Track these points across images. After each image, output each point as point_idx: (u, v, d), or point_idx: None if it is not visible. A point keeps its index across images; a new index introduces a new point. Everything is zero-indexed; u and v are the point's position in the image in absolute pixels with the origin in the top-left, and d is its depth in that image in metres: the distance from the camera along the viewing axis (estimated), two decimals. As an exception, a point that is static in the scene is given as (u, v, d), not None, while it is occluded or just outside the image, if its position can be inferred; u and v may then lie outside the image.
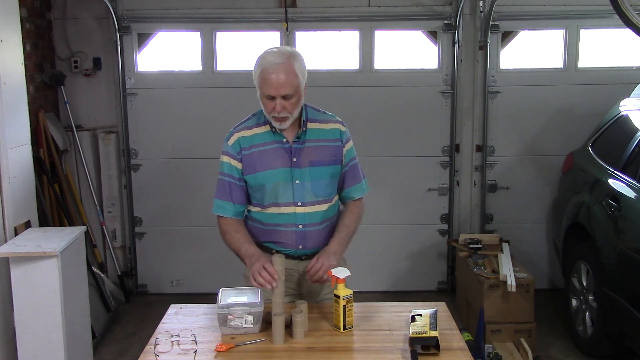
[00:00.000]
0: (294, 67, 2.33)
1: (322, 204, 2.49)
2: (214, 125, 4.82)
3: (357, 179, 2.59)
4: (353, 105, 4.91)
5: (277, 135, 2.45)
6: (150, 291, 5.21)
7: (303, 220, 2.46)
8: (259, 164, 2.44)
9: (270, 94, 2.32)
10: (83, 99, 4.99)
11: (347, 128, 2.56)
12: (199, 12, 4.89)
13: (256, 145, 2.45)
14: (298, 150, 2.44)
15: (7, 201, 3.47)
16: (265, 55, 2.36)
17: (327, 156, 2.48)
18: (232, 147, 2.47)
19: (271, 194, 2.45)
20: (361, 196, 2.61)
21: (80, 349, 3.55)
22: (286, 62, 2.32)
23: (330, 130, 2.51)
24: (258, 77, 2.35)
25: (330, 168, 2.49)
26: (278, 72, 2.30)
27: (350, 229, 2.53)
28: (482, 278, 4.06)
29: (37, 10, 4.68)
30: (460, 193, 5.12)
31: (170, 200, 5.09)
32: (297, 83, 2.34)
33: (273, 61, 2.31)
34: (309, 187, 2.45)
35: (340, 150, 2.51)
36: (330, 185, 2.51)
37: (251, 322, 2.22)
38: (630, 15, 3.46)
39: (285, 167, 2.44)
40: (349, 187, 2.57)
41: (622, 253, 3.55)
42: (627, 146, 3.90)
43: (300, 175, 2.44)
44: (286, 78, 2.30)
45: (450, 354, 2.10)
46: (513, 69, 5.03)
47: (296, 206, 2.45)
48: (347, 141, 2.54)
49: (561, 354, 4.10)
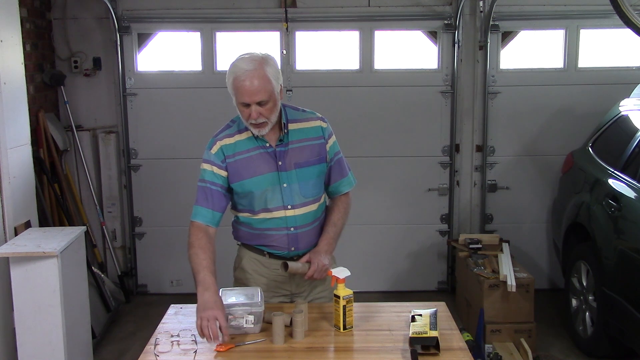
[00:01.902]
0: (266, 73, 2.29)
1: (311, 204, 2.49)
2: (214, 125, 4.75)
3: (344, 172, 2.58)
4: (353, 105, 4.90)
5: (259, 140, 2.42)
6: (150, 291, 5.21)
7: (294, 222, 2.46)
8: (245, 171, 2.42)
9: (244, 101, 2.30)
10: (83, 99, 4.99)
11: (327, 124, 2.53)
12: (199, 12, 4.89)
13: (240, 153, 2.43)
14: (282, 153, 2.43)
15: (7, 201, 3.48)
16: (237, 62, 2.33)
17: (311, 156, 2.47)
18: (215, 156, 2.44)
19: (260, 200, 2.44)
20: (349, 190, 2.61)
21: (80, 349, 3.55)
22: (258, 69, 2.28)
23: (312, 128, 2.49)
24: (231, 85, 2.33)
25: (316, 167, 2.48)
26: (251, 79, 2.26)
27: (337, 227, 2.53)
28: (482, 278, 4.06)
29: (37, 10, 4.68)
30: (460, 193, 5.12)
31: (170, 200, 5.08)
32: (270, 88, 2.30)
33: (245, 68, 2.28)
34: (297, 189, 2.44)
35: (323, 147, 2.50)
36: (318, 185, 2.51)
37: (252, 322, 2.22)
38: (630, 15, 3.46)
39: (272, 171, 2.42)
40: (336, 181, 2.57)
41: (622, 253, 3.54)
42: (627, 146, 3.90)
43: (287, 178, 2.43)
44: (259, 84, 2.27)
45: (450, 354, 2.10)
46: (513, 69, 5.03)
47: (286, 210, 2.44)
48: (330, 137, 2.53)
49: (561, 354, 4.10)
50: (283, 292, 2.57)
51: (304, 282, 2.53)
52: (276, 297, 2.56)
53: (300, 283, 2.55)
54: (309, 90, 4.90)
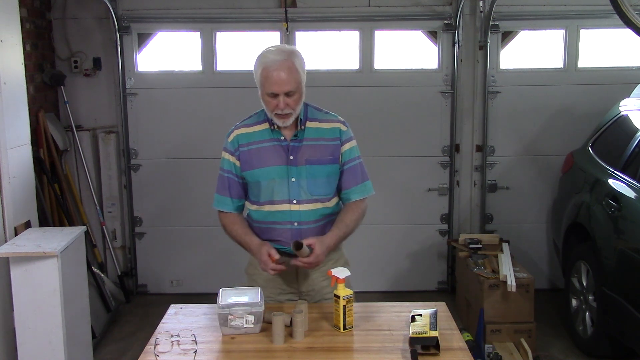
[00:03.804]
0: (295, 64, 2.36)
1: (318, 202, 2.49)
2: (213, 125, 4.82)
3: (357, 180, 2.55)
4: (353, 105, 4.90)
5: (275, 133, 2.47)
6: (150, 291, 5.21)
7: (298, 217, 2.47)
8: (256, 161, 2.47)
9: (273, 91, 2.34)
10: (83, 99, 4.99)
11: (348, 128, 2.55)
12: (199, 12, 4.89)
13: (254, 143, 2.48)
14: (295, 148, 2.45)
15: (7, 201, 3.47)
16: (266, 53, 2.38)
17: (324, 155, 2.48)
18: (230, 144, 2.51)
19: (266, 191, 2.47)
20: (360, 198, 2.57)
21: (80, 349, 3.55)
22: (287, 59, 2.34)
23: (330, 129, 2.51)
24: (260, 75, 2.37)
25: (327, 167, 2.48)
26: (280, 70, 2.32)
27: (349, 228, 2.52)
28: (482, 278, 4.06)
29: (37, 10, 4.68)
30: (460, 193, 5.12)
31: (170, 200, 5.09)
32: (299, 79, 2.37)
33: (274, 59, 2.34)
34: (305, 185, 2.45)
35: (338, 149, 2.51)
36: (327, 185, 2.51)
37: (252, 322, 2.22)
38: (630, 15, 3.46)
39: (282, 164, 2.45)
40: (348, 188, 2.55)
41: (622, 253, 3.55)
42: (627, 146, 3.90)
43: (296, 173, 2.45)
44: (288, 75, 2.33)
45: (450, 354, 2.10)
46: (513, 69, 5.03)
47: (291, 204, 2.46)
48: (347, 141, 2.53)
49: (561, 354, 4.10)
50: (291, 290, 2.57)
51: (312, 281, 2.54)
52: (283, 294, 2.57)
53: (307, 282, 2.55)
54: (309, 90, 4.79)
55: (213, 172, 2.65)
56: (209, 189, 5.05)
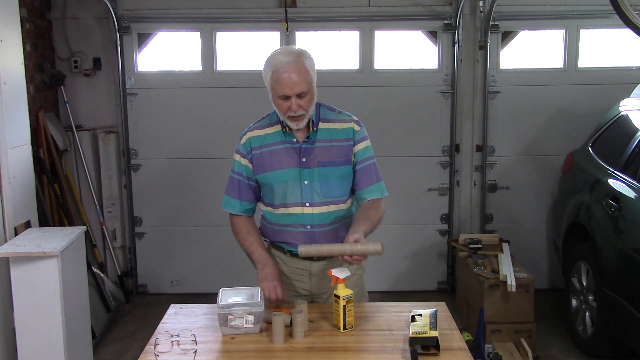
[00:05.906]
0: (305, 65, 2.33)
1: (331, 205, 2.46)
2: (214, 125, 4.82)
3: (372, 180, 2.53)
4: (353, 105, 4.84)
5: (287, 135, 2.43)
6: (150, 291, 5.21)
7: (311, 221, 2.45)
8: (268, 164, 2.44)
9: (285, 93, 2.30)
10: (83, 99, 4.99)
11: (362, 127, 2.51)
12: (199, 12, 4.89)
13: (266, 145, 2.45)
14: (307, 150, 2.43)
15: (7, 201, 3.47)
16: (275, 55, 2.35)
17: (337, 156, 2.45)
18: (243, 147, 2.48)
19: (280, 194, 2.45)
20: (375, 197, 2.54)
21: (80, 349, 3.55)
22: (297, 60, 2.31)
23: (343, 129, 2.48)
24: (270, 78, 2.33)
25: (340, 169, 2.45)
26: (291, 71, 2.29)
27: (373, 223, 2.49)
28: (482, 278, 4.06)
29: (37, 10, 4.68)
30: (460, 193, 5.12)
31: (170, 200, 5.09)
32: (310, 80, 2.34)
33: (284, 60, 2.30)
34: (318, 187, 2.43)
35: (350, 149, 2.47)
36: (340, 186, 2.48)
37: (252, 322, 2.22)
38: (630, 15, 3.46)
39: (294, 167, 2.42)
40: (363, 188, 2.52)
41: (622, 253, 3.54)
42: (627, 146, 3.90)
43: (309, 175, 2.42)
44: (299, 76, 2.30)
45: (450, 354, 2.10)
46: (513, 69, 5.03)
47: (304, 207, 2.44)
48: (361, 140, 2.50)
49: (561, 354, 4.10)
50: (303, 292, 2.56)
51: (324, 283, 2.51)
52: (295, 296, 2.54)
53: (320, 284, 2.53)
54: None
55: (213, 172, 2.65)
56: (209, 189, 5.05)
